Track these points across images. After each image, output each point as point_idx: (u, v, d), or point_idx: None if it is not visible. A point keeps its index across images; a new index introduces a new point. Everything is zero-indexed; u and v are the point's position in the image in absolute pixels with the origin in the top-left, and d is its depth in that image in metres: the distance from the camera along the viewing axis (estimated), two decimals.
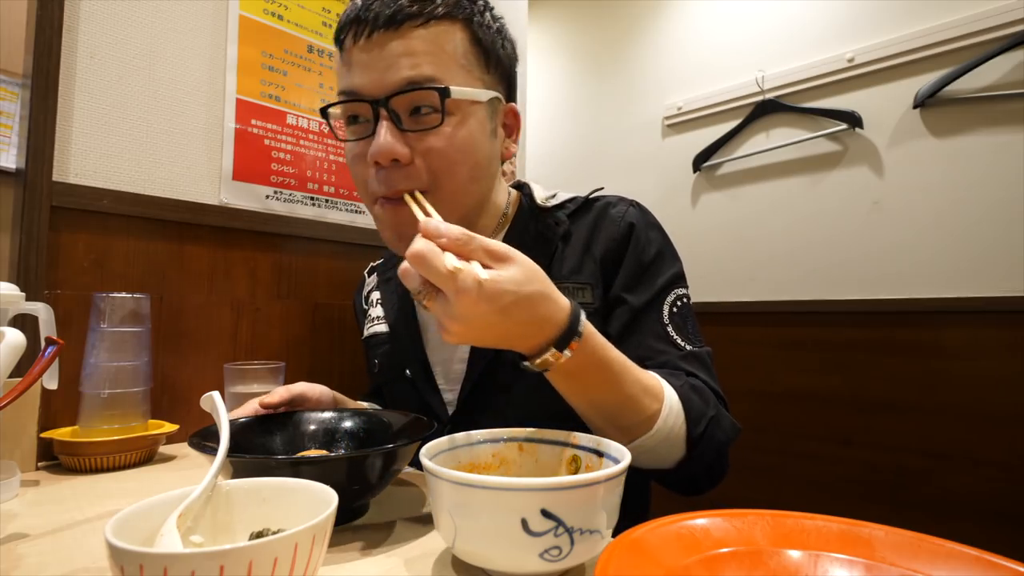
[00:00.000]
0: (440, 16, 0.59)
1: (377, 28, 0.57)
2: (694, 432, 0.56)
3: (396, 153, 0.57)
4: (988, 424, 1.30)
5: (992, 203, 1.36)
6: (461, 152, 0.60)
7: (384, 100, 0.57)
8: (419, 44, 0.58)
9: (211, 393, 0.49)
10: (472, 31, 0.61)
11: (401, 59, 0.57)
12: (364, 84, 0.59)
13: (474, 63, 0.62)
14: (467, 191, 0.63)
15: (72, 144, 0.88)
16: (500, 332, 0.44)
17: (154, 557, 0.29)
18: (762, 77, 1.75)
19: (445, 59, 0.59)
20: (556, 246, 0.68)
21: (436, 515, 0.42)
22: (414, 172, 0.59)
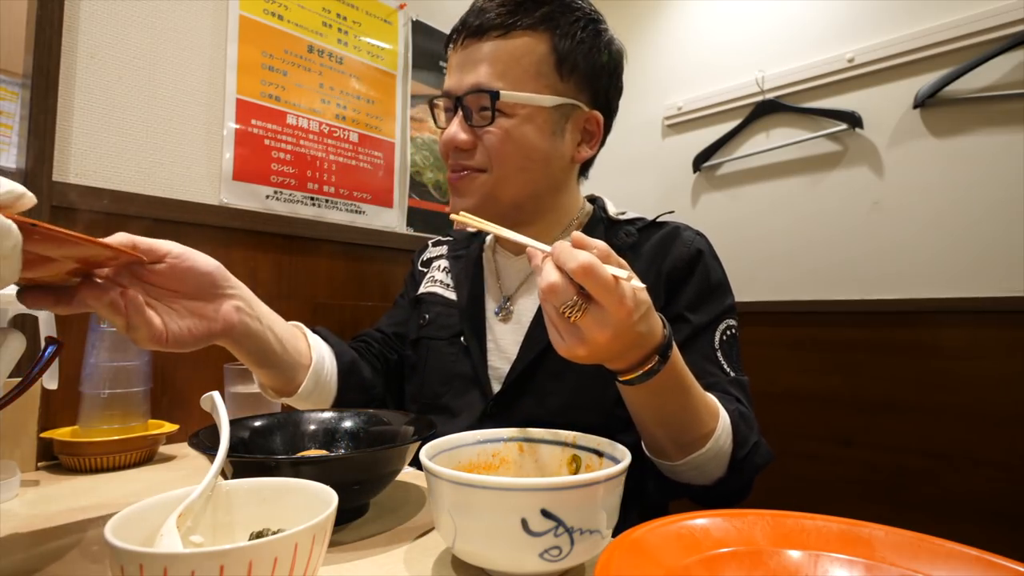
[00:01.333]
0: (523, 27, 0.67)
1: (469, 36, 0.68)
2: (739, 454, 0.59)
3: (457, 141, 0.70)
4: (988, 424, 1.30)
5: (992, 203, 1.36)
6: (511, 145, 0.69)
7: (459, 97, 0.69)
8: (494, 53, 0.67)
9: (211, 393, 0.49)
10: (553, 42, 0.68)
11: (476, 65, 0.68)
12: (451, 83, 0.70)
13: (547, 71, 0.69)
14: (515, 178, 0.71)
15: (72, 144, 0.87)
16: (627, 342, 0.46)
17: (154, 557, 0.29)
18: (762, 77, 1.74)
19: (514, 67, 0.67)
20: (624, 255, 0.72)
21: (436, 515, 0.42)
22: (472, 156, 0.71)
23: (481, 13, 0.67)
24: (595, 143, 0.76)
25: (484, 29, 0.67)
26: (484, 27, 0.67)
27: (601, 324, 0.43)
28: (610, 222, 0.79)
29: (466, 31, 0.68)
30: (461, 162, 0.71)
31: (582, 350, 0.44)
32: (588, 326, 0.43)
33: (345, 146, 1.23)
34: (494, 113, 0.67)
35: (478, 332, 0.77)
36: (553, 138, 0.71)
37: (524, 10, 0.67)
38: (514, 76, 0.67)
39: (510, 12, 0.67)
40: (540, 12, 0.67)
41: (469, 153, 0.70)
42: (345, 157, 1.23)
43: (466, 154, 0.71)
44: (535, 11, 0.67)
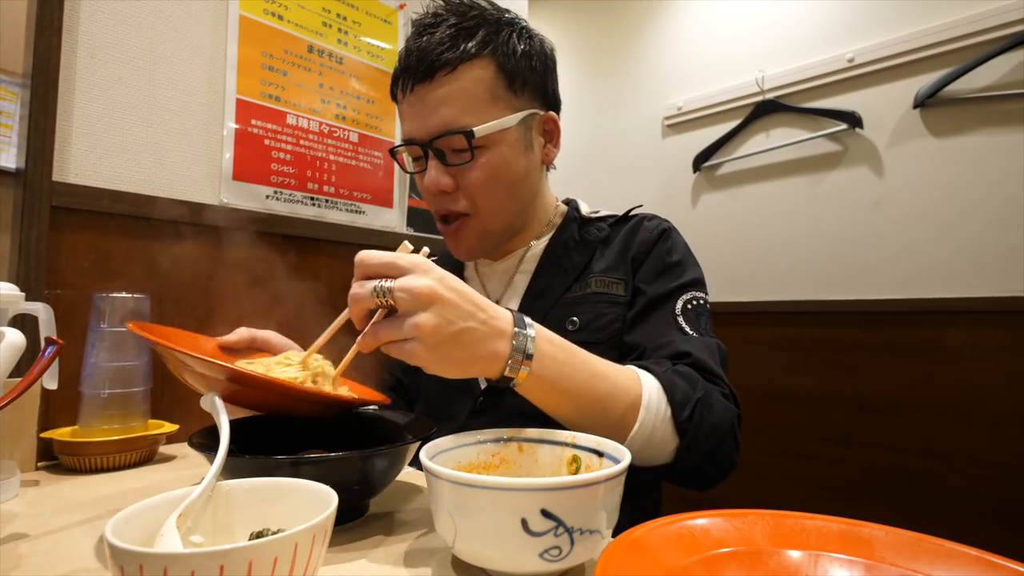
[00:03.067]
0: (468, 58, 0.67)
1: (417, 81, 0.67)
2: (680, 416, 0.56)
3: (441, 186, 0.69)
4: (988, 424, 1.30)
5: (992, 203, 1.36)
6: (495, 178, 0.70)
7: (428, 143, 0.69)
8: (450, 91, 0.67)
9: (211, 393, 0.49)
10: (498, 62, 0.68)
11: (436, 108, 0.67)
12: (413, 130, 0.70)
13: (502, 93, 0.69)
14: (505, 208, 0.73)
15: (72, 144, 0.88)
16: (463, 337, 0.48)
17: (154, 557, 0.29)
18: (762, 77, 1.75)
19: (472, 99, 0.67)
20: (596, 248, 0.77)
21: (436, 515, 0.42)
22: (457, 198, 0.71)
23: (423, 56, 0.67)
24: (557, 139, 0.78)
25: (432, 71, 0.66)
26: (432, 69, 0.66)
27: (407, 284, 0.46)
28: (583, 220, 0.81)
29: (413, 76, 0.68)
30: (448, 207, 0.72)
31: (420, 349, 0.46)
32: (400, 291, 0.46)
33: (345, 146, 1.23)
34: (472, 151, 0.68)
35: None
36: (527, 153, 0.73)
37: (462, 40, 0.67)
38: (475, 108, 0.67)
39: (450, 47, 0.66)
40: (477, 39, 0.67)
41: (452, 196, 0.71)
42: (345, 157, 1.23)
43: (449, 197, 0.71)
44: (472, 39, 0.67)
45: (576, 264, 0.76)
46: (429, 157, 0.70)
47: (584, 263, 0.76)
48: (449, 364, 0.48)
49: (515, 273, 0.80)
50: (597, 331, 0.71)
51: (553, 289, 0.75)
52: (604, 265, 0.75)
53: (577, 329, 0.71)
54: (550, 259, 0.78)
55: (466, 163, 0.69)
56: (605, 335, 0.70)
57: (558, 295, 0.74)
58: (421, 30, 0.69)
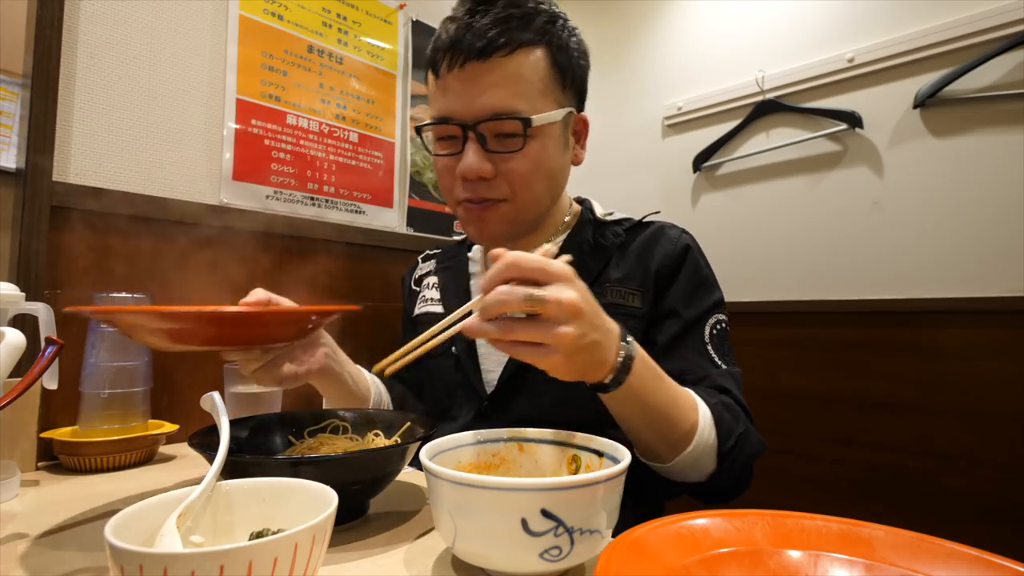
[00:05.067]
0: (526, 44, 0.65)
1: (470, 58, 0.64)
2: (724, 447, 0.60)
3: (482, 172, 0.67)
4: (988, 424, 1.30)
5: (992, 203, 1.36)
6: (538, 169, 0.68)
7: (473, 125, 0.66)
8: (505, 74, 0.64)
9: (211, 393, 0.49)
10: (552, 55, 0.67)
11: (489, 89, 0.64)
12: (456, 109, 0.66)
13: (552, 85, 0.68)
14: (541, 200, 0.72)
15: (72, 144, 0.87)
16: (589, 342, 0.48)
17: (154, 557, 0.29)
18: (762, 77, 1.74)
19: (527, 87, 0.65)
20: (611, 254, 0.76)
21: (436, 515, 0.42)
22: (496, 185, 0.68)
23: (480, 33, 0.64)
24: (584, 141, 0.77)
25: (488, 50, 0.63)
26: (489, 48, 0.63)
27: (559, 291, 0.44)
28: (597, 223, 0.80)
29: (466, 52, 0.64)
30: (483, 194, 0.68)
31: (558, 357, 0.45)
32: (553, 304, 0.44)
33: (345, 146, 1.23)
34: (525, 139, 0.66)
35: (467, 340, 0.77)
36: (564, 150, 0.72)
37: (521, 26, 0.65)
38: (527, 95, 0.65)
39: (510, 29, 0.64)
40: (535, 26, 0.66)
41: (489, 183, 0.68)
42: (345, 157, 1.23)
43: (487, 184, 0.68)
44: (530, 26, 0.65)
45: (590, 269, 0.74)
46: (469, 140, 0.66)
47: (599, 269, 0.74)
48: (572, 370, 0.48)
49: None
50: None
51: None
52: (620, 274, 0.74)
53: None
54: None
55: (514, 151, 0.66)
56: None
57: None
58: (475, 5, 0.66)
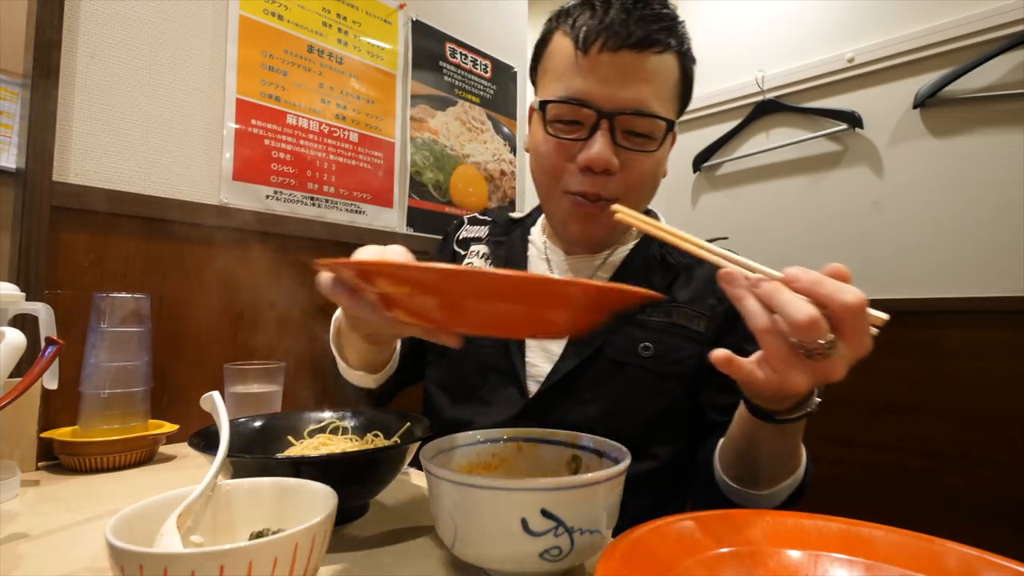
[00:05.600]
0: (671, 48, 0.63)
1: (626, 44, 0.60)
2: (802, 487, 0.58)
3: (611, 165, 0.63)
4: (988, 424, 1.30)
5: (992, 203, 1.36)
6: (653, 174, 0.67)
7: (611, 114, 0.62)
8: (653, 71, 0.62)
9: (211, 393, 0.49)
10: (683, 66, 0.66)
11: (638, 83, 0.61)
12: (596, 93, 0.62)
13: (677, 95, 0.67)
14: (642, 205, 0.70)
15: (72, 144, 0.87)
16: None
17: (154, 557, 0.29)
18: (762, 77, 1.74)
19: (666, 91, 0.64)
20: (679, 273, 0.74)
21: (436, 515, 0.42)
22: (615, 183, 0.64)
23: (642, 22, 0.60)
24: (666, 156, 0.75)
25: (646, 43, 0.60)
26: (646, 40, 0.60)
27: (843, 362, 0.39)
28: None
29: (624, 38, 0.60)
30: (599, 190, 0.65)
31: (805, 385, 0.40)
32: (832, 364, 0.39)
33: (345, 146, 1.23)
34: (662, 142, 0.64)
35: None
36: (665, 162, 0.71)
37: (671, 29, 0.62)
38: (665, 99, 0.64)
39: (665, 29, 0.61)
40: (678, 35, 0.63)
41: (608, 180, 0.64)
42: (345, 157, 1.23)
43: (606, 179, 0.64)
44: (675, 32, 0.63)
45: (655, 286, 0.71)
46: (601, 129, 0.62)
47: (664, 286, 0.72)
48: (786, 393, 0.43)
49: (592, 276, 0.75)
50: (671, 364, 0.68)
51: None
52: (688, 296, 0.71)
53: (651, 356, 0.68)
54: (628, 272, 0.73)
55: (644, 151, 0.64)
56: (678, 369, 0.68)
57: (632, 313, 0.70)
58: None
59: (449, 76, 1.45)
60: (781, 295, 0.39)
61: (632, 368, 0.68)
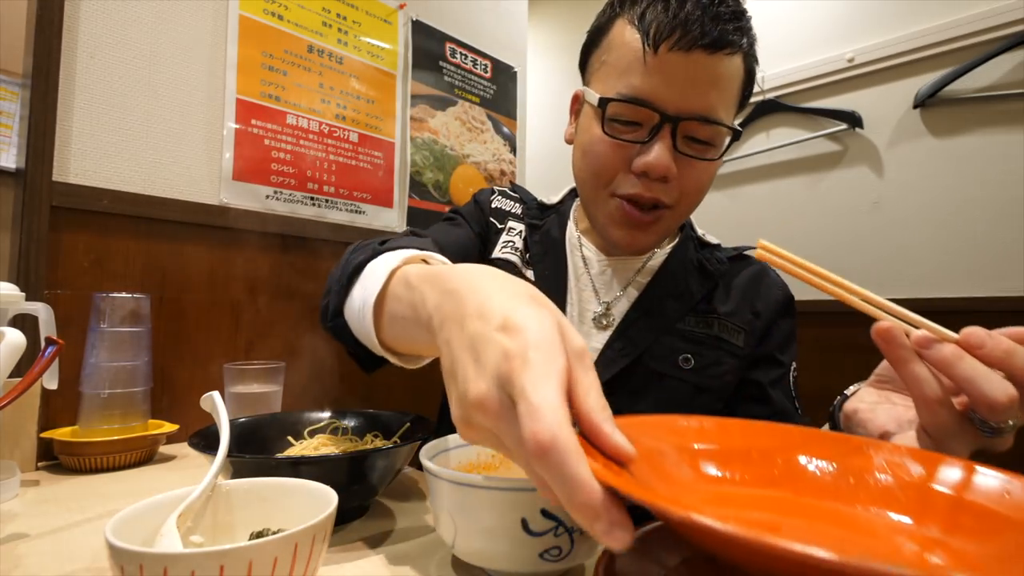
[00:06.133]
0: (742, 50, 0.59)
1: (699, 45, 0.55)
2: None
3: (670, 172, 0.59)
4: None
5: (992, 203, 1.36)
6: (708, 182, 0.65)
7: (676, 118, 0.58)
8: (723, 75, 0.58)
9: (211, 393, 0.49)
10: (748, 65, 0.62)
11: (707, 88, 0.57)
12: (662, 95, 0.57)
13: (739, 98, 0.63)
14: (690, 212, 0.68)
15: (72, 144, 0.87)
16: None
17: (154, 557, 0.29)
18: (762, 77, 1.74)
19: (732, 94, 0.60)
20: (716, 282, 0.72)
21: (436, 515, 0.42)
22: (670, 189, 0.61)
23: (716, 20, 0.56)
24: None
25: (720, 44, 0.56)
26: (721, 42, 0.56)
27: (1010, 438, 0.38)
28: (700, 243, 0.75)
29: (697, 38, 0.55)
30: (656, 195, 0.61)
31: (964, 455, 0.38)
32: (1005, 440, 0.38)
33: (345, 146, 1.23)
34: (724, 151, 0.61)
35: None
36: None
37: (743, 27, 0.58)
38: (730, 104, 0.60)
39: (741, 29, 0.58)
40: (750, 30, 0.60)
41: (664, 186, 0.61)
42: (345, 157, 1.23)
43: (661, 186, 0.61)
44: (748, 28, 0.59)
45: (693, 292, 0.70)
46: (663, 133, 0.58)
47: (703, 294, 0.70)
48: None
49: (632, 280, 0.72)
50: (711, 378, 0.67)
51: (665, 311, 0.69)
52: (728, 309, 0.70)
53: (691, 369, 0.66)
54: (666, 277, 0.71)
55: (705, 159, 0.60)
56: (717, 384, 0.67)
57: (671, 320, 0.68)
58: None
59: (449, 76, 1.45)
60: (966, 366, 0.35)
61: (672, 380, 0.66)
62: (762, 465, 0.36)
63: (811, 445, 0.37)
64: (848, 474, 0.35)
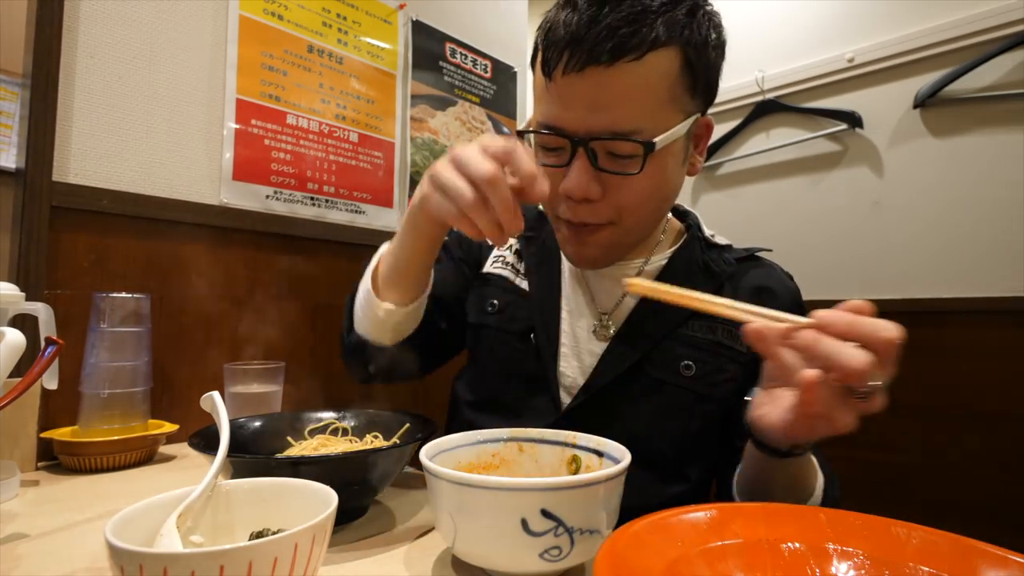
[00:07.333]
0: (657, 45, 0.54)
1: (591, 62, 0.53)
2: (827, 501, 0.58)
3: (588, 194, 0.58)
4: (988, 424, 1.30)
5: (992, 203, 1.36)
6: (653, 194, 0.61)
7: (584, 140, 0.56)
8: (631, 85, 0.54)
9: (211, 393, 0.49)
10: (686, 54, 0.56)
11: (612, 102, 0.55)
12: (566, 119, 0.57)
13: (681, 92, 0.58)
14: (648, 222, 0.65)
15: (72, 144, 0.87)
16: None
17: (154, 557, 0.29)
18: (762, 77, 1.74)
19: (654, 99, 0.56)
20: (722, 283, 0.70)
21: (436, 515, 0.42)
22: (600, 209, 0.60)
23: (609, 32, 0.52)
24: (704, 147, 0.67)
25: (616, 54, 0.52)
26: (616, 52, 0.52)
27: (882, 393, 0.40)
28: (706, 244, 0.73)
29: (587, 55, 0.53)
30: (584, 218, 0.61)
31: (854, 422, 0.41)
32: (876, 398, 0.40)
33: (345, 146, 1.23)
34: (644, 163, 0.56)
35: (551, 333, 0.70)
36: (682, 165, 0.64)
37: (652, 20, 0.53)
38: (652, 110, 0.56)
39: (644, 26, 0.53)
40: (668, 20, 0.54)
41: (593, 206, 0.60)
42: (345, 157, 1.23)
43: (590, 207, 0.60)
44: (662, 20, 0.54)
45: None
46: (577, 156, 0.57)
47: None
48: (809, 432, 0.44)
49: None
50: (711, 386, 0.65)
51: (668, 315, 0.65)
52: None
53: (692, 376, 0.65)
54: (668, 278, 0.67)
55: (628, 174, 0.57)
56: (718, 392, 0.65)
57: (673, 325, 0.66)
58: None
59: (449, 76, 1.45)
60: (824, 344, 0.39)
61: (671, 387, 0.65)
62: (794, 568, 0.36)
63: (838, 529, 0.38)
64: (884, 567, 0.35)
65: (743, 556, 0.37)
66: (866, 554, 0.36)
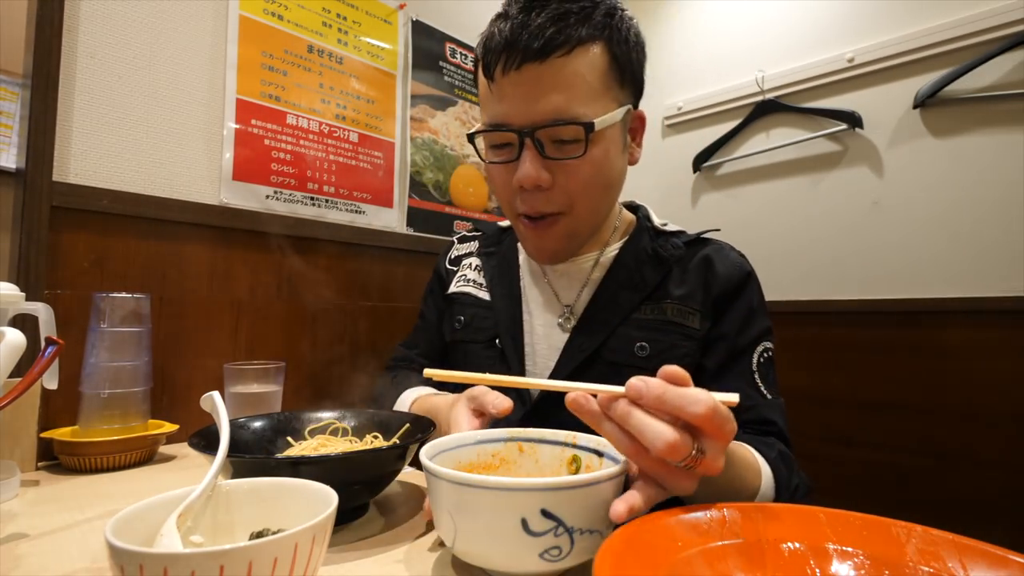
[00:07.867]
0: (584, 41, 0.61)
1: (527, 60, 0.60)
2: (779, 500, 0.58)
3: (540, 180, 0.63)
4: (988, 424, 1.30)
5: (992, 203, 1.36)
6: (598, 176, 0.65)
7: (530, 131, 0.62)
8: (564, 75, 0.60)
9: (211, 393, 0.49)
10: (611, 50, 0.63)
11: (548, 93, 0.60)
12: (511, 114, 0.63)
13: (611, 83, 0.64)
14: (599, 209, 0.69)
15: (72, 144, 0.87)
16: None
17: (154, 557, 0.29)
18: (762, 77, 1.74)
19: (586, 88, 0.62)
20: (670, 267, 0.73)
21: (436, 515, 0.42)
22: (554, 196, 0.65)
23: (538, 32, 0.59)
24: (641, 138, 0.73)
25: (546, 50, 0.59)
26: (548, 48, 0.59)
27: (717, 456, 0.39)
28: (655, 232, 0.77)
29: (522, 54, 0.60)
30: (540, 208, 0.65)
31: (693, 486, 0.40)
32: (706, 465, 0.39)
33: (345, 146, 1.23)
34: (587, 145, 0.62)
35: (515, 335, 0.75)
36: (622, 153, 0.68)
37: (579, 22, 0.61)
38: (588, 97, 0.62)
39: (569, 26, 0.60)
40: (594, 21, 0.61)
41: (547, 194, 0.65)
42: (345, 157, 1.23)
43: (544, 195, 0.65)
44: (589, 20, 0.61)
45: (647, 280, 0.72)
46: (526, 147, 0.63)
47: (656, 282, 0.72)
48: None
49: (588, 278, 0.75)
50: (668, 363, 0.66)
51: (620, 303, 0.71)
52: (681, 292, 0.71)
53: (647, 356, 0.68)
54: (619, 269, 0.74)
55: (573, 157, 0.62)
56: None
57: (627, 311, 0.70)
58: (530, 1, 0.61)
59: (449, 76, 1.45)
60: (634, 419, 0.38)
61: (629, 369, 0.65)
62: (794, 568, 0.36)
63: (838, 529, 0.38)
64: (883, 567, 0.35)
65: (743, 556, 0.37)
66: (866, 554, 0.36)
